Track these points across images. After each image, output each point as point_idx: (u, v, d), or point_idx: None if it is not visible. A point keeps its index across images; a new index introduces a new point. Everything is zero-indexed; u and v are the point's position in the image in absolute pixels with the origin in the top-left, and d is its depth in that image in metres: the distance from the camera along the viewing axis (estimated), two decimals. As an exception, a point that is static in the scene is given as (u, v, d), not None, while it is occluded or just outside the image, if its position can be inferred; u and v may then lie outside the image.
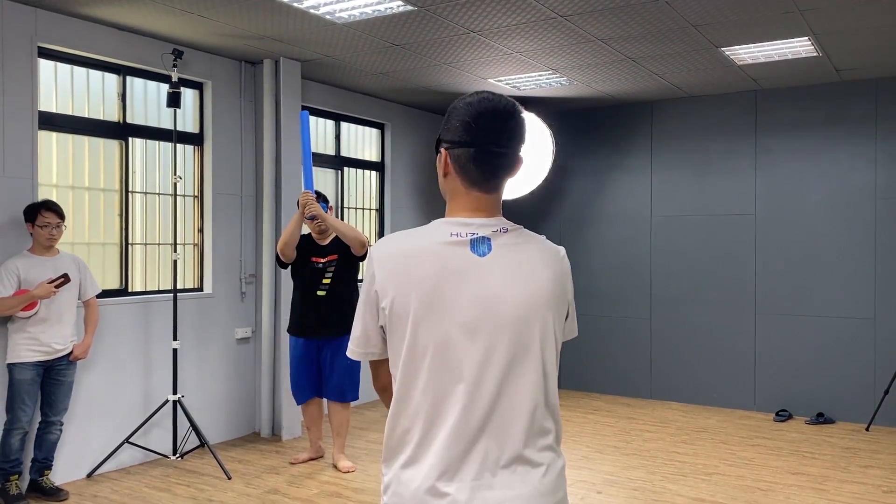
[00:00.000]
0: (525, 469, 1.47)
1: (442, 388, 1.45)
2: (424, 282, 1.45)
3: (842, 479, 4.72)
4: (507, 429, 1.46)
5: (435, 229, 1.51)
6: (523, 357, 1.48)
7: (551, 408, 1.53)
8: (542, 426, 1.50)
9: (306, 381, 4.89)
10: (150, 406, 5.00)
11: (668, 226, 7.02)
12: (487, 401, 1.45)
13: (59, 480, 4.51)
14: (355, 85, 6.43)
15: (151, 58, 5.02)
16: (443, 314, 1.45)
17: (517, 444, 1.46)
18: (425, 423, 1.46)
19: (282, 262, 4.86)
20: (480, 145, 1.48)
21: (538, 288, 1.50)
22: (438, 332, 1.45)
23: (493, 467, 1.45)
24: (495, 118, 1.48)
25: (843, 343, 6.23)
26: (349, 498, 4.35)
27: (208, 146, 5.50)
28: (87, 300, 4.46)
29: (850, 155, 6.23)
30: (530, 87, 6.44)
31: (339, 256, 4.79)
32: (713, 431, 5.90)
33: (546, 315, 1.50)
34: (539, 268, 1.51)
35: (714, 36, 4.93)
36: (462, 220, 1.51)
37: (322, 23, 4.70)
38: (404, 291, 1.46)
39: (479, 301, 1.46)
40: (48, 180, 4.63)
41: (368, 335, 1.55)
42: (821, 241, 6.33)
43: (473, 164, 1.49)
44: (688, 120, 6.92)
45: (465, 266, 1.47)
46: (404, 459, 1.48)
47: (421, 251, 1.48)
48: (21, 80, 4.36)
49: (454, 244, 1.48)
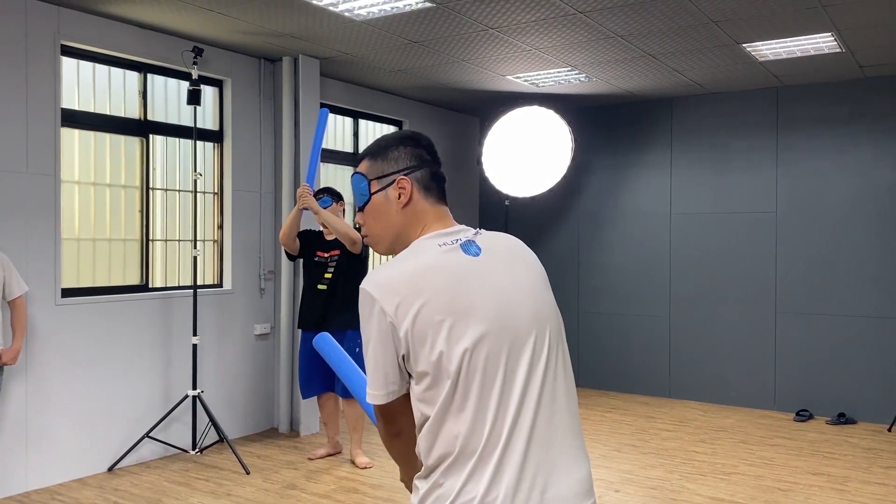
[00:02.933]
0: (576, 461, 1.51)
1: (487, 394, 1.43)
2: (440, 291, 1.44)
3: (863, 480, 4.67)
4: (557, 420, 1.48)
5: (423, 248, 1.53)
6: (556, 337, 1.54)
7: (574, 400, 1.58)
8: (576, 415, 1.55)
9: (313, 374, 4.88)
10: (169, 401, 5.05)
11: (688, 223, 6.96)
12: (536, 391, 1.46)
13: (81, 473, 4.57)
14: (373, 82, 6.44)
15: (172, 55, 5.06)
16: (468, 316, 1.44)
17: (566, 438, 1.50)
18: (473, 434, 1.42)
19: (289, 255, 4.98)
20: (431, 163, 1.63)
21: (536, 271, 1.60)
22: (472, 334, 1.43)
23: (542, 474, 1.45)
24: (422, 140, 1.64)
25: (866, 342, 6.15)
26: (366, 494, 4.37)
27: (228, 143, 5.53)
28: (13, 300, 4.05)
29: (873, 152, 6.15)
30: (549, 84, 6.41)
31: (340, 252, 4.82)
32: (732, 431, 5.85)
33: (550, 294, 1.61)
34: (525, 254, 1.61)
35: (735, 32, 4.88)
36: (440, 233, 1.56)
37: (341, 20, 4.71)
38: (425, 307, 1.43)
39: (496, 294, 1.48)
40: (70, 177, 4.68)
41: (386, 373, 1.48)
42: (843, 239, 6.26)
43: (435, 181, 1.62)
44: (708, 117, 6.86)
45: (468, 267, 1.49)
46: (453, 471, 1.43)
47: (422, 267, 1.48)
48: (44, 77, 4.41)
49: (448, 252, 1.50)
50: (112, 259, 4.92)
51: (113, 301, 4.78)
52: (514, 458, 1.42)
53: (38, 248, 4.38)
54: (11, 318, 4.08)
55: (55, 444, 4.46)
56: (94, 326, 4.67)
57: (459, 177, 7.76)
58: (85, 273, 4.78)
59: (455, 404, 1.43)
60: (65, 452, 4.51)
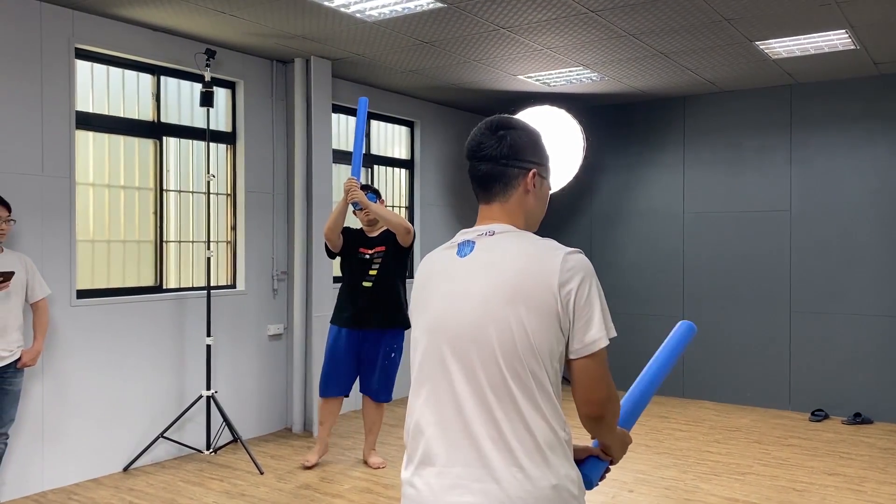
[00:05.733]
0: (485, 471, 1.45)
1: (423, 390, 1.56)
2: (419, 286, 1.63)
3: (880, 481, 4.63)
4: (465, 430, 1.48)
5: (451, 241, 1.65)
6: (484, 354, 1.47)
7: (532, 409, 1.46)
8: (513, 428, 1.45)
9: (341, 373, 4.79)
10: (184, 401, 5.07)
11: (701, 222, 6.93)
12: (447, 398, 1.51)
13: (97, 473, 4.60)
14: (385, 83, 6.45)
15: (185, 58, 5.09)
16: (423, 314, 1.59)
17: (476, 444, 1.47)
18: (412, 422, 1.57)
19: (329, 251, 4.82)
20: (470, 160, 1.63)
21: (499, 279, 1.48)
22: (419, 330, 1.59)
23: (458, 465, 1.48)
24: (475, 136, 1.61)
25: (882, 341, 6.10)
26: (380, 494, 4.38)
27: (241, 145, 5.56)
28: (36, 303, 4.09)
29: (888, 150, 6.09)
30: (561, 84, 6.40)
31: (386, 248, 4.74)
32: (747, 431, 5.82)
33: (509, 308, 1.46)
34: (508, 261, 1.50)
35: (748, 30, 4.85)
36: (466, 230, 1.63)
37: (352, 21, 4.72)
38: (413, 298, 1.65)
39: (445, 298, 1.55)
40: (85, 179, 4.72)
41: None
42: (858, 238, 6.21)
43: (471, 178, 1.64)
44: (721, 115, 6.83)
45: (444, 268, 1.59)
46: (407, 459, 1.60)
47: (429, 260, 1.65)
48: (59, 81, 4.45)
49: (447, 249, 1.61)
50: (126, 260, 4.96)
51: (127, 302, 4.81)
52: (436, 453, 1.51)
53: (53, 249, 4.42)
54: (34, 321, 4.12)
55: (71, 444, 4.50)
56: (109, 327, 4.70)
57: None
58: (99, 274, 4.82)
59: (415, 387, 1.59)
60: (80, 452, 4.55)
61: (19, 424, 4.17)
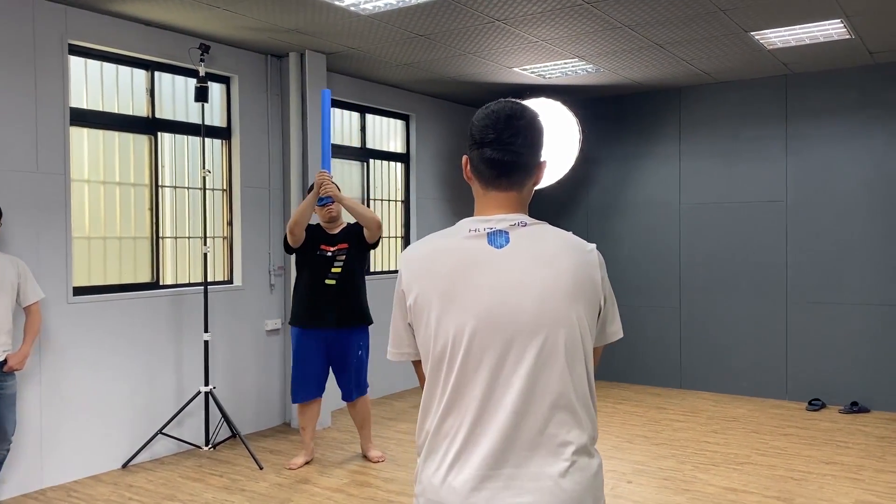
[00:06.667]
0: (542, 469, 1.44)
1: (461, 384, 1.47)
2: (443, 276, 1.50)
3: (877, 469, 4.65)
4: (524, 425, 1.45)
5: (458, 228, 1.56)
6: (545, 350, 1.46)
7: (580, 403, 1.48)
8: (563, 423, 1.46)
9: (312, 376, 4.69)
10: (182, 397, 5.07)
11: (698, 214, 6.94)
12: (506, 394, 1.45)
13: (96, 470, 4.60)
14: (380, 76, 6.43)
15: (179, 53, 5.06)
16: (461, 306, 1.48)
17: (533, 443, 1.45)
18: (447, 419, 1.49)
19: (288, 247, 4.65)
20: (488, 145, 1.54)
21: (558, 275, 1.48)
22: (457, 324, 1.47)
23: (508, 466, 1.44)
24: (499, 121, 1.54)
25: (878, 331, 6.12)
26: (379, 487, 4.38)
27: (236, 140, 5.54)
28: (28, 306, 4.05)
29: (884, 139, 6.10)
30: (556, 76, 6.39)
31: (349, 245, 4.65)
32: (744, 421, 5.84)
33: (569, 305, 1.48)
34: (559, 256, 1.51)
35: (743, 20, 4.85)
36: (481, 218, 1.55)
37: (346, 14, 4.70)
38: (425, 287, 1.52)
39: (497, 291, 1.47)
40: (80, 175, 4.70)
41: (400, 335, 1.61)
42: (853, 228, 6.22)
43: (484, 164, 1.56)
44: (717, 106, 6.82)
45: (481, 258, 1.50)
46: (430, 457, 1.52)
47: (442, 249, 1.54)
48: (52, 77, 4.43)
49: (472, 238, 1.52)
50: (122, 257, 4.94)
51: (124, 299, 4.80)
52: (484, 455, 1.44)
53: (48, 246, 4.40)
54: (25, 324, 4.08)
55: (70, 441, 4.49)
56: (106, 324, 4.69)
57: (467, 170, 7.73)
58: (96, 271, 4.80)
59: (437, 390, 1.51)
60: (79, 450, 4.54)
61: (18, 422, 4.16)
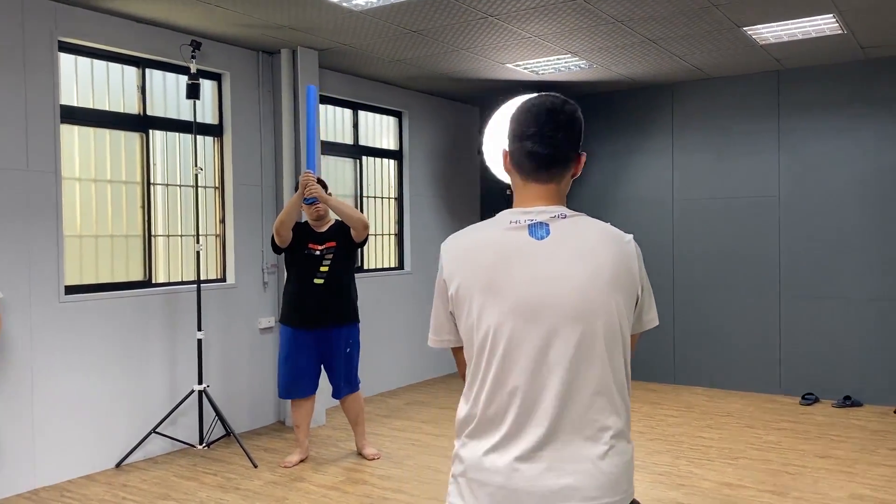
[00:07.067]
0: (582, 452, 1.49)
1: (505, 371, 1.51)
2: (485, 266, 1.54)
3: (871, 462, 4.67)
4: (568, 411, 1.49)
5: (498, 219, 1.60)
6: (586, 338, 1.50)
7: (617, 390, 1.53)
8: (603, 409, 1.51)
9: (303, 375, 4.66)
10: (176, 396, 5.05)
11: (690, 209, 6.95)
12: (550, 381, 1.49)
13: (89, 470, 4.57)
14: (372, 73, 6.41)
15: (170, 50, 5.03)
16: (503, 296, 1.51)
17: (575, 427, 1.49)
18: (492, 404, 1.52)
19: (276, 246, 4.61)
20: (529, 138, 1.58)
21: (598, 267, 1.52)
22: (499, 313, 1.51)
23: (551, 449, 1.49)
24: (540, 114, 1.58)
25: (870, 325, 6.14)
26: (375, 485, 4.37)
27: (228, 137, 5.51)
28: None
29: (875, 134, 6.12)
30: (549, 72, 6.39)
31: (337, 244, 4.61)
32: (738, 416, 5.85)
33: (609, 295, 1.52)
34: (599, 247, 1.54)
35: (736, 15, 4.85)
36: (522, 210, 1.59)
37: (339, 10, 4.68)
38: (467, 277, 1.55)
39: (539, 282, 1.51)
40: (71, 174, 4.67)
41: (441, 323, 1.65)
42: (846, 223, 6.24)
43: (524, 156, 1.60)
44: (709, 102, 6.83)
45: (522, 249, 1.53)
46: (474, 438, 1.55)
47: (483, 239, 1.58)
48: (42, 74, 4.39)
49: (513, 230, 1.55)
50: (115, 255, 4.91)
51: (117, 297, 4.77)
52: (528, 437, 1.49)
53: (40, 245, 4.37)
54: None
55: (62, 441, 4.46)
56: (99, 323, 4.66)
57: (460, 167, 7.74)
58: (88, 270, 4.77)
59: (479, 375, 1.55)
60: (72, 449, 4.51)
61: (10, 422, 4.14)
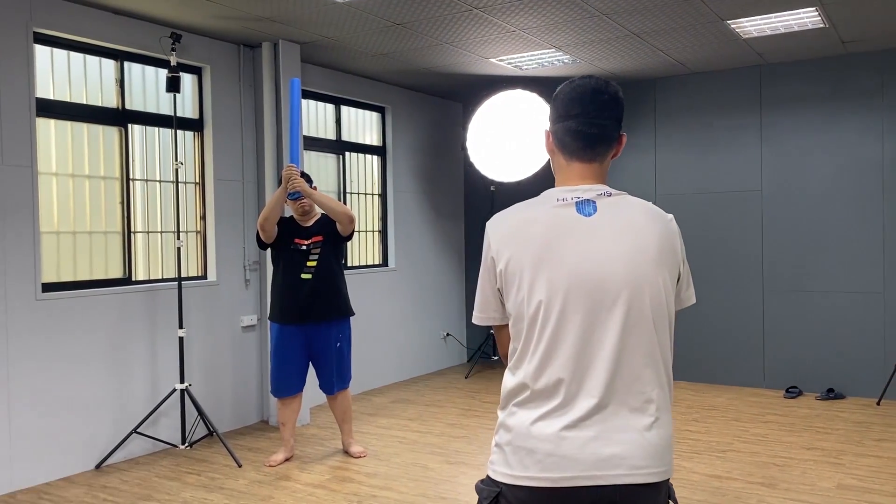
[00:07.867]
0: (629, 423, 1.53)
1: (556, 343, 1.54)
2: (535, 242, 1.57)
3: (857, 453, 4.69)
4: (616, 382, 1.53)
5: (544, 198, 1.64)
6: (634, 312, 1.53)
7: (663, 363, 1.57)
8: (650, 381, 1.55)
9: (293, 372, 4.62)
10: (157, 395, 4.95)
11: (673, 204, 6.95)
12: (600, 353, 1.52)
13: (68, 472, 4.47)
14: (355, 67, 6.35)
15: (149, 42, 4.93)
16: (553, 270, 1.54)
17: (622, 399, 1.53)
18: (541, 376, 1.54)
19: (262, 242, 4.57)
20: (574, 118, 1.63)
21: (646, 243, 1.57)
22: (550, 287, 1.54)
23: (598, 419, 1.52)
24: (585, 95, 1.63)
25: (853, 318, 6.18)
26: (361, 483, 4.31)
27: (208, 132, 5.42)
28: None
29: (857, 128, 6.17)
30: (533, 67, 6.36)
31: (323, 238, 4.56)
32: (724, 409, 5.86)
33: (656, 271, 1.56)
34: (645, 224, 1.59)
35: (720, 8, 4.85)
36: (567, 188, 1.64)
37: (321, 2, 4.61)
38: (517, 252, 1.58)
39: (588, 257, 1.54)
40: (48, 168, 4.55)
41: (487, 300, 1.66)
42: (828, 216, 6.28)
43: (568, 136, 1.65)
44: (692, 97, 6.85)
45: (571, 225, 1.57)
46: (523, 407, 1.57)
47: (532, 216, 1.61)
48: (17, 66, 4.28)
49: (561, 207, 1.59)
50: (93, 252, 4.81)
51: (95, 295, 4.67)
52: (577, 407, 1.52)
53: (16, 242, 4.26)
54: None
55: (40, 442, 4.35)
56: (77, 321, 4.56)
57: (444, 163, 7.69)
58: (65, 267, 4.66)
59: (530, 347, 1.56)
60: (50, 451, 4.40)
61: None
